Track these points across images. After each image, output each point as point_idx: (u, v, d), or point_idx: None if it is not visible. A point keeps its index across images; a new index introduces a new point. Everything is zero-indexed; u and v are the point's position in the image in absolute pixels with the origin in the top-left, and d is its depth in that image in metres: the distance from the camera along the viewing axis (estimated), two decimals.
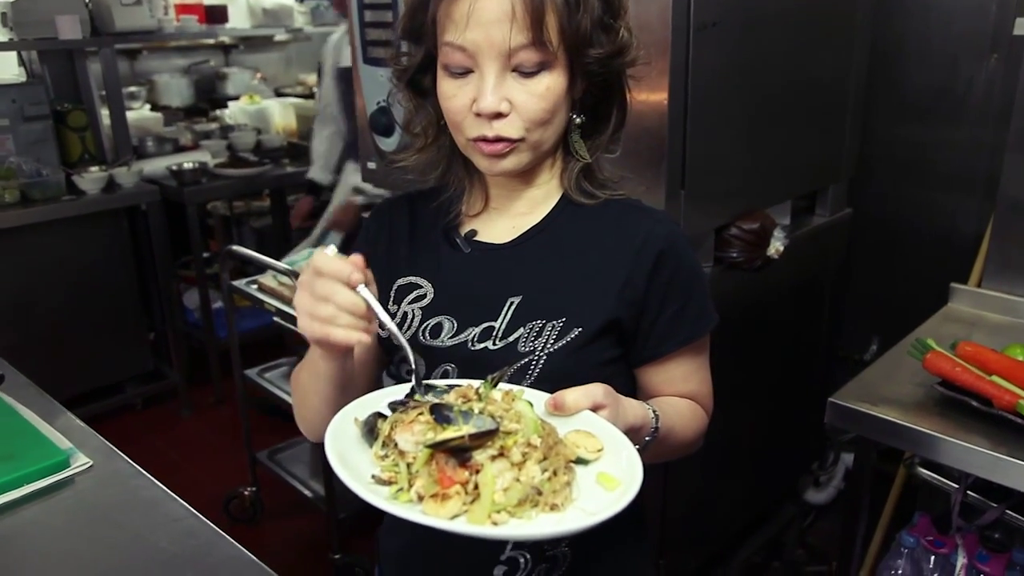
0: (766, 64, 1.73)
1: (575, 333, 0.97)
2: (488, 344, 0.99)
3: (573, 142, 1.01)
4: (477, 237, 1.06)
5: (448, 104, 0.95)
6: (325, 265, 0.83)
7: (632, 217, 1.03)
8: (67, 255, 3.22)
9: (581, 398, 0.85)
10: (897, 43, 2.26)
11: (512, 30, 0.88)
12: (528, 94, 0.92)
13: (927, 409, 1.46)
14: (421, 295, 1.05)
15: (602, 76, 0.97)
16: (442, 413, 0.79)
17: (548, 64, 0.91)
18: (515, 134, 0.94)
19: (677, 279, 1.01)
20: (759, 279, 1.81)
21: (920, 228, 2.36)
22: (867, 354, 2.44)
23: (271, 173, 3.70)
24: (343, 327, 0.83)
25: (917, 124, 2.30)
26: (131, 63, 4.34)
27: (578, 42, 0.92)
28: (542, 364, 0.97)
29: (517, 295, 1.00)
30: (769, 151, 1.84)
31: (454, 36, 0.91)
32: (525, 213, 1.05)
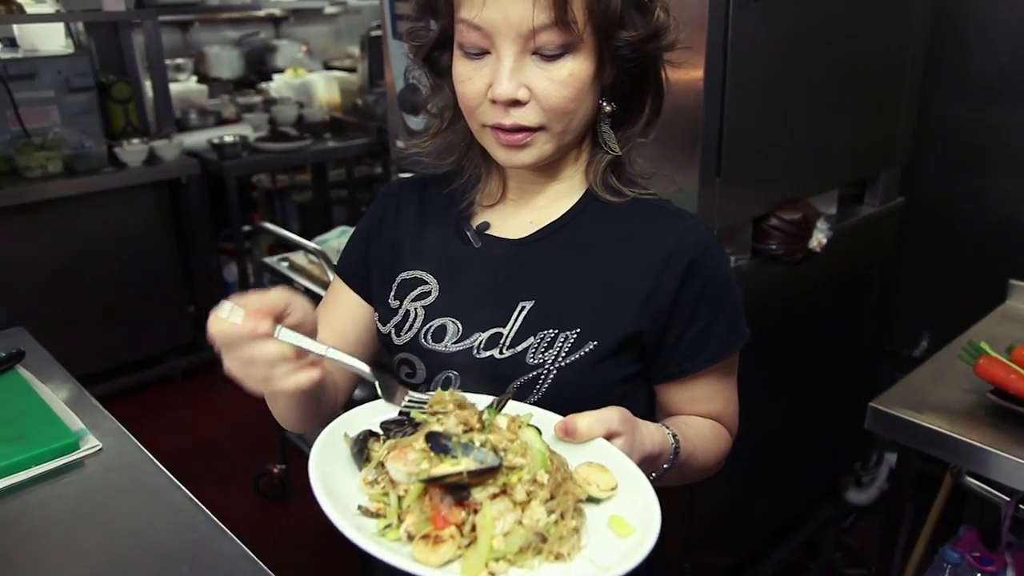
0: (813, 41, 1.63)
1: (590, 347, 0.89)
2: (494, 352, 0.91)
3: (602, 133, 0.92)
4: (490, 231, 0.98)
5: (462, 88, 0.87)
6: (226, 333, 0.73)
7: (662, 220, 0.94)
8: (109, 227, 3.25)
9: (595, 424, 0.77)
10: (961, 17, 2.12)
11: (534, 8, 0.80)
12: (549, 80, 0.83)
13: (977, 418, 1.38)
14: (425, 292, 0.98)
15: (635, 61, 0.87)
16: (439, 442, 0.71)
17: (573, 47, 0.83)
18: (534, 123, 0.85)
19: (708, 292, 0.92)
20: (800, 272, 1.72)
21: (978, 218, 2.23)
22: (917, 350, 2.34)
23: (311, 148, 3.68)
24: (284, 377, 0.74)
25: (980, 105, 2.16)
26: (183, 35, 4.36)
27: (607, 23, 0.83)
28: (551, 379, 0.89)
29: (529, 299, 0.92)
30: (814, 136, 1.73)
31: (470, 13, 0.83)
32: (544, 207, 0.97)
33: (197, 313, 3.71)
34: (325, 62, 4.69)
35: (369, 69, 3.85)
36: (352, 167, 4.02)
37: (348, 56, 4.76)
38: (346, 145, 3.81)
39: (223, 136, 3.49)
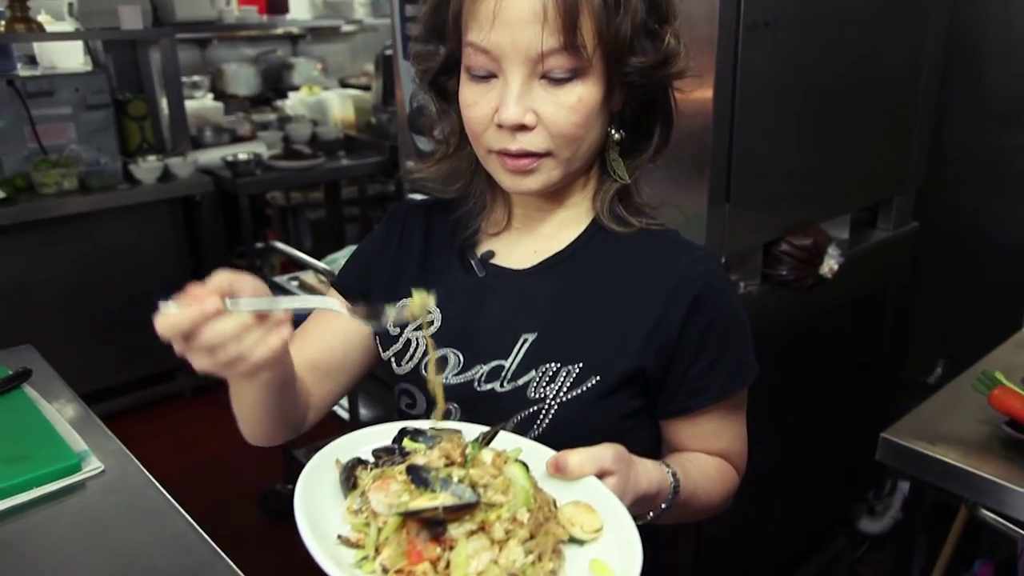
0: (824, 64, 1.62)
1: (592, 382, 0.88)
2: (495, 385, 0.90)
3: (611, 160, 0.91)
4: (494, 260, 0.97)
5: (469, 112, 0.86)
6: (176, 324, 0.67)
7: (669, 252, 0.92)
8: (122, 243, 3.26)
9: (587, 462, 0.75)
10: (978, 39, 2.10)
11: (543, 32, 0.79)
12: (557, 105, 0.82)
13: (991, 451, 1.35)
14: (428, 322, 0.96)
15: (644, 88, 0.86)
16: (419, 475, 0.70)
17: (581, 72, 0.82)
18: (541, 148, 0.84)
19: (715, 327, 0.90)
20: (812, 298, 1.69)
21: (995, 243, 2.20)
22: (931, 377, 2.31)
23: (324, 166, 3.70)
24: (256, 346, 0.69)
25: (997, 129, 2.14)
26: (201, 52, 4.41)
27: (617, 48, 0.82)
28: (553, 414, 0.88)
29: (532, 332, 0.91)
30: (825, 160, 1.71)
31: (477, 36, 0.82)
32: (549, 236, 0.96)
33: None
34: (341, 79, 4.73)
35: (383, 88, 3.87)
36: (365, 185, 4.03)
37: (364, 74, 4.79)
38: (359, 163, 3.82)
39: (237, 154, 3.51)
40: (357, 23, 4.24)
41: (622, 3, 0.80)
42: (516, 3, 0.79)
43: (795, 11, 1.47)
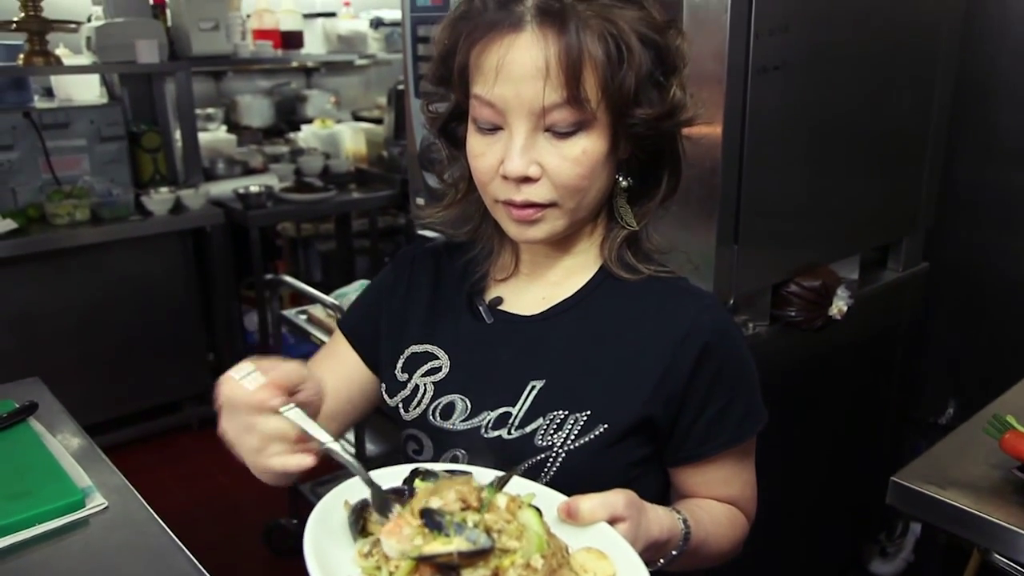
0: (833, 105, 1.62)
1: (600, 430, 0.88)
2: (503, 432, 0.90)
3: (619, 208, 0.92)
4: (503, 306, 0.98)
5: (475, 163, 0.87)
6: (233, 397, 0.74)
7: (677, 300, 0.93)
8: (133, 274, 3.28)
9: (598, 508, 0.75)
10: (985, 80, 2.10)
11: (545, 87, 0.80)
12: (561, 158, 0.83)
13: (1003, 496, 1.32)
14: (436, 368, 0.97)
15: (650, 138, 0.87)
16: (433, 519, 0.70)
17: (586, 125, 0.83)
18: (545, 200, 0.85)
19: (723, 375, 0.90)
20: (821, 339, 1.69)
21: (1007, 283, 2.19)
22: (943, 418, 2.29)
23: (335, 199, 3.72)
24: (276, 455, 0.74)
25: (1005, 168, 2.14)
26: (216, 84, 4.46)
27: (621, 101, 0.82)
28: (560, 462, 0.87)
29: (539, 379, 0.91)
30: (834, 200, 1.71)
31: (483, 89, 0.83)
32: (557, 283, 0.96)
33: (217, 361, 3.72)
34: (354, 112, 4.76)
35: (395, 122, 3.90)
36: (376, 218, 4.06)
37: (376, 107, 4.83)
38: (370, 197, 3.84)
39: (249, 186, 3.54)
40: (371, 57, 4.28)
41: (626, 56, 0.81)
42: (520, 58, 0.80)
43: (804, 55, 1.48)
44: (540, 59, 0.79)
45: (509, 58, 0.81)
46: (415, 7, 1.91)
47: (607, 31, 0.81)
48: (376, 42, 4.28)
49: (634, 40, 0.82)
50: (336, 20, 4.18)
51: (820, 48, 1.52)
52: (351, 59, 4.32)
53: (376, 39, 4.27)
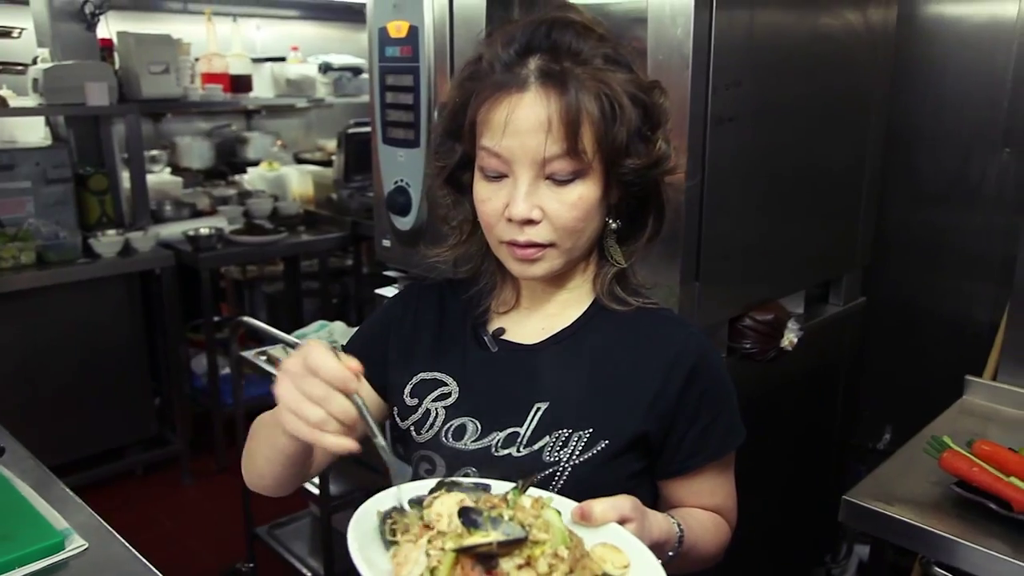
0: (783, 153, 1.75)
1: (602, 445, 0.96)
2: (512, 451, 0.98)
3: (608, 247, 1.01)
4: (505, 336, 1.06)
5: (483, 207, 0.96)
6: (323, 365, 0.77)
7: (665, 328, 1.03)
8: (78, 317, 3.22)
9: (609, 510, 0.83)
10: (910, 131, 2.29)
11: (547, 140, 0.89)
12: (560, 203, 0.92)
13: (944, 511, 1.43)
14: (445, 393, 1.04)
15: (638, 185, 0.97)
16: (470, 517, 0.77)
17: (582, 173, 0.92)
18: (545, 240, 0.94)
19: (708, 395, 1.00)
20: (772, 369, 1.79)
21: (935, 316, 2.35)
22: (880, 443, 2.41)
23: (286, 241, 3.73)
24: (332, 433, 0.78)
25: (931, 211, 2.31)
26: (155, 125, 4.42)
27: (614, 153, 0.92)
28: (567, 475, 0.95)
29: (544, 401, 0.99)
30: (784, 240, 1.84)
31: (490, 142, 0.92)
32: (555, 314, 1.05)
33: (162, 406, 3.65)
34: (296, 155, 4.77)
35: (345, 164, 3.94)
36: (326, 260, 4.07)
37: (319, 149, 4.85)
38: (320, 239, 3.86)
39: (198, 228, 3.52)
40: (318, 101, 4.33)
41: (618, 114, 0.91)
42: (525, 114, 0.89)
43: (755, 107, 1.60)
44: (543, 115, 0.89)
45: (515, 114, 0.90)
46: (383, 57, 1.99)
47: (602, 91, 0.90)
48: (324, 86, 4.33)
49: (625, 99, 0.92)
50: (285, 64, 4.21)
51: (769, 101, 1.65)
52: (301, 103, 4.35)
53: (324, 83, 4.32)
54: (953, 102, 2.21)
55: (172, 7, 4.18)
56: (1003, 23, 2.08)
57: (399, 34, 1.93)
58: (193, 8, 4.18)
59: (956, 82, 2.19)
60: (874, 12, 1.91)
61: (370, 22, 2.00)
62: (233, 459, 3.47)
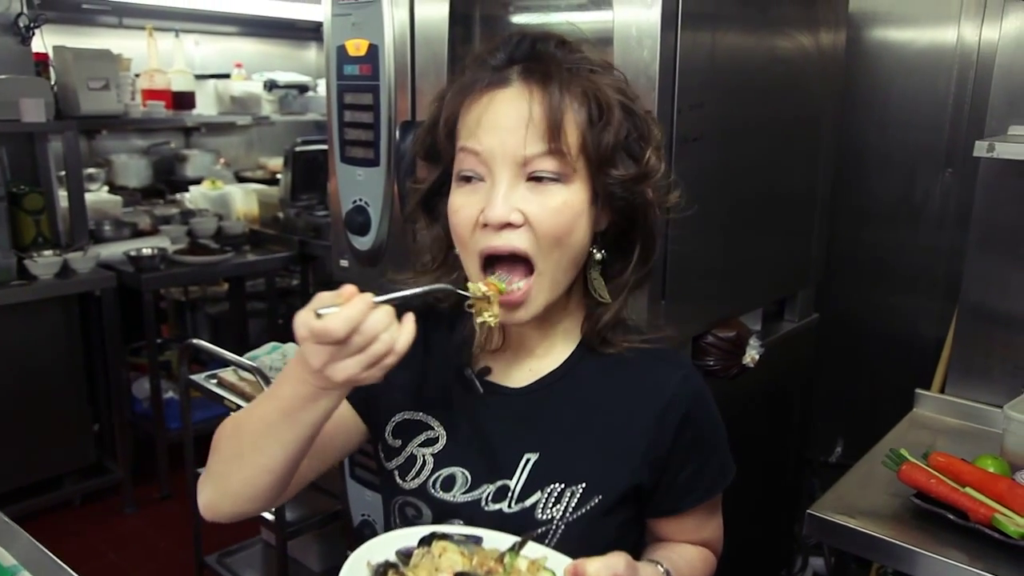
0: (742, 173, 1.78)
1: (596, 500, 0.92)
2: (503, 506, 0.93)
3: (592, 279, 0.94)
4: (492, 377, 0.99)
5: (456, 218, 0.89)
6: (352, 317, 0.72)
7: (658, 370, 0.97)
8: (13, 342, 3.08)
9: (602, 569, 0.80)
10: (859, 152, 2.36)
11: (527, 136, 0.84)
12: (542, 206, 0.86)
13: (904, 522, 1.46)
14: (433, 439, 0.98)
15: (625, 200, 0.90)
16: None
17: (565, 178, 0.86)
18: (526, 247, 0.86)
19: (701, 438, 0.98)
20: (732, 386, 1.81)
21: (883, 332, 2.41)
22: (832, 456, 2.46)
23: (231, 261, 3.64)
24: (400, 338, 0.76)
25: (879, 229, 2.38)
26: (89, 143, 4.28)
27: (599, 158, 0.87)
28: (560, 533, 0.92)
29: (534, 452, 0.94)
30: (744, 259, 1.86)
31: (468, 140, 0.87)
32: (542, 355, 0.99)
33: (102, 432, 3.52)
34: (237, 173, 4.67)
35: (292, 182, 3.88)
36: (273, 280, 3.99)
37: (260, 167, 4.76)
38: (267, 258, 3.79)
39: (140, 248, 3.42)
40: (263, 119, 4.26)
41: (605, 115, 0.86)
42: (505, 109, 0.85)
43: (717, 128, 1.63)
44: (524, 110, 0.84)
45: (494, 108, 0.85)
46: (342, 75, 1.96)
47: (588, 90, 0.86)
48: (269, 104, 4.27)
49: (614, 102, 0.87)
50: (229, 82, 4.14)
51: (729, 123, 1.68)
52: (245, 120, 4.27)
53: (270, 100, 4.26)
54: (897, 124, 2.29)
55: (106, 21, 4.06)
56: (943, 49, 2.17)
57: (358, 52, 1.91)
58: (130, 23, 4.08)
59: (900, 105, 2.27)
60: (825, 36, 1.96)
61: (328, 40, 1.97)
62: (178, 486, 3.36)
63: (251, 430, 0.87)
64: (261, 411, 0.86)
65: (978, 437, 1.81)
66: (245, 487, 0.88)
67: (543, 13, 1.70)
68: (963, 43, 2.14)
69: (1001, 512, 1.35)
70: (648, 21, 1.43)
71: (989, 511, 1.36)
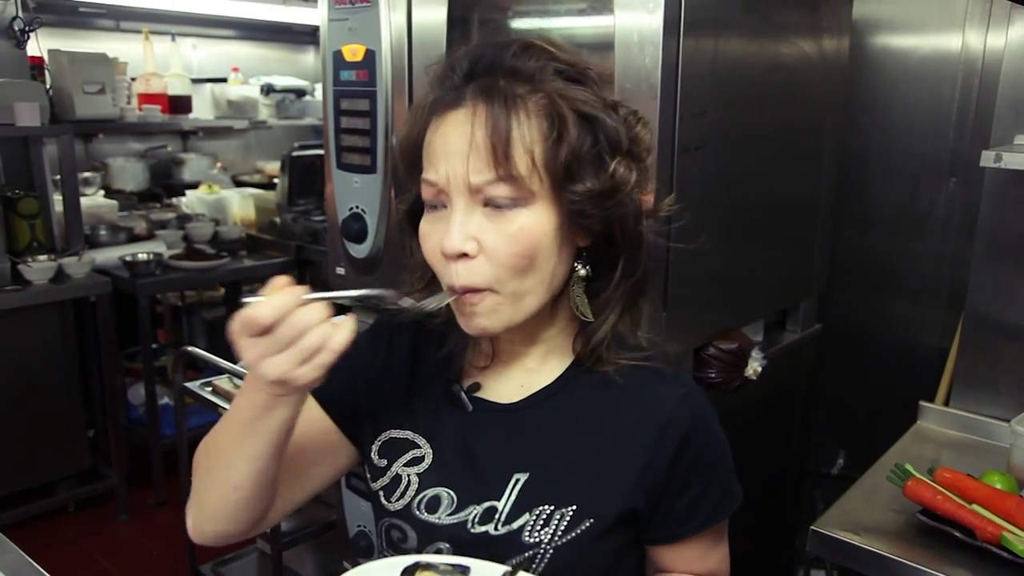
0: (744, 181, 1.75)
1: (587, 524, 0.88)
2: (489, 528, 0.89)
3: (574, 296, 0.89)
4: (481, 393, 0.96)
5: (424, 247, 0.86)
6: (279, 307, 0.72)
7: (655, 389, 0.93)
8: (7, 347, 3.06)
9: None
10: (860, 158, 2.33)
11: (471, 162, 0.80)
12: (498, 234, 0.81)
13: (910, 539, 1.43)
14: (418, 458, 0.95)
15: (595, 218, 0.84)
16: None
17: (523, 201, 0.81)
18: (481, 281, 0.82)
19: (701, 462, 0.92)
20: (733, 397, 1.78)
21: (885, 341, 2.39)
22: (834, 468, 2.43)
23: (228, 267, 3.62)
24: (334, 337, 0.74)
25: (881, 237, 2.35)
26: (86, 146, 4.25)
27: (555, 175, 0.81)
28: (548, 558, 0.87)
29: (523, 471, 0.90)
30: (746, 269, 1.84)
31: (427, 170, 0.84)
32: (534, 369, 0.95)
33: (96, 438, 3.49)
34: (234, 177, 4.64)
35: (289, 187, 3.86)
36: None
37: (258, 171, 4.74)
38: (264, 264, 3.76)
39: (136, 253, 3.39)
40: (260, 123, 4.23)
41: (557, 131, 0.81)
42: (453, 133, 0.81)
43: (719, 136, 1.60)
44: (467, 135, 0.80)
45: (443, 132, 0.82)
46: (338, 81, 1.93)
47: (541, 105, 0.81)
48: (267, 108, 4.24)
49: (569, 115, 0.81)
50: (226, 86, 4.11)
51: (732, 131, 1.65)
52: (241, 124, 4.25)
53: (267, 105, 4.23)
54: (900, 132, 2.26)
55: (103, 25, 4.04)
56: (948, 56, 2.14)
57: (355, 58, 1.88)
58: (127, 27, 4.06)
59: (903, 113, 2.24)
60: (828, 43, 1.94)
61: (324, 45, 1.94)
62: (173, 492, 3.34)
63: (218, 446, 0.86)
64: (226, 426, 0.85)
65: (984, 451, 1.79)
66: (221, 504, 0.87)
67: (542, 18, 1.67)
68: (968, 50, 2.11)
69: (1009, 530, 1.33)
70: (650, 27, 1.41)
71: (997, 529, 1.34)
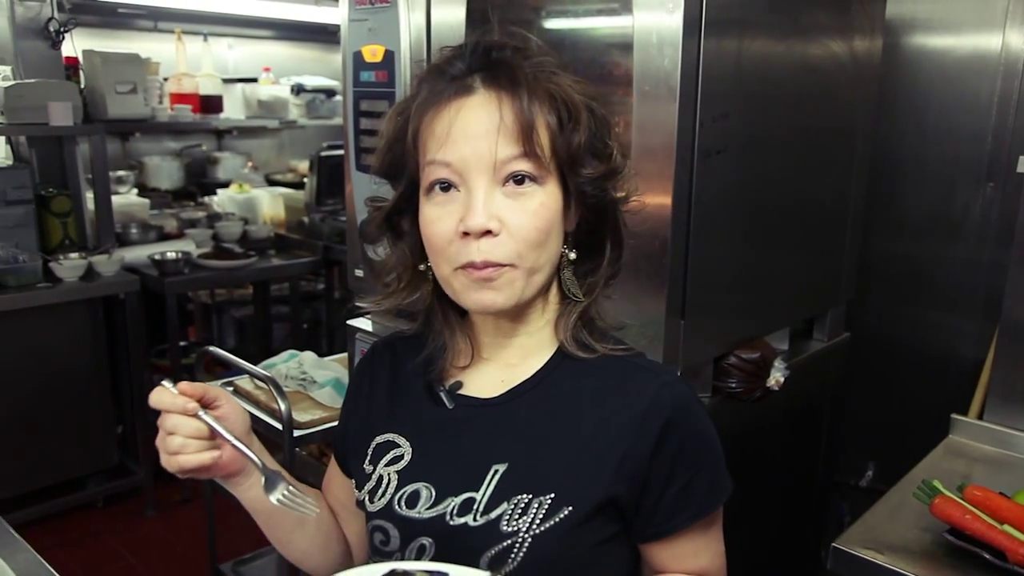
0: (769, 186, 1.71)
1: (565, 512, 0.87)
2: (468, 519, 0.89)
3: (566, 279, 0.93)
4: (462, 390, 0.98)
5: (432, 230, 0.87)
6: (161, 401, 0.87)
7: (636, 377, 0.93)
8: (38, 343, 3.11)
9: None
10: (892, 163, 2.27)
11: (499, 141, 0.83)
12: (520, 211, 0.85)
13: (936, 559, 1.38)
14: (398, 456, 0.96)
15: (595, 200, 0.90)
16: None
17: (540, 180, 0.86)
18: (505, 258, 0.85)
19: (686, 450, 0.91)
20: (758, 408, 1.74)
21: (917, 350, 2.32)
22: (863, 480, 2.38)
23: (255, 266, 3.64)
24: (192, 452, 0.87)
25: (912, 243, 2.29)
26: (123, 144, 4.32)
27: (569, 159, 0.87)
28: (527, 547, 0.86)
29: (502, 462, 0.90)
30: (770, 277, 1.79)
31: (438, 152, 0.85)
32: (515, 365, 0.97)
33: (125, 434, 3.54)
34: (267, 176, 4.69)
35: (317, 187, 3.87)
36: (297, 284, 3.99)
37: (290, 170, 4.78)
38: (291, 263, 3.78)
39: (165, 252, 3.43)
40: (290, 123, 4.26)
41: (573, 116, 0.86)
42: (475, 117, 0.84)
43: (742, 140, 1.56)
44: (495, 115, 0.83)
45: (463, 117, 0.84)
46: (358, 82, 1.92)
47: (555, 92, 0.86)
48: (297, 108, 4.27)
49: (579, 102, 0.87)
50: (256, 85, 4.15)
51: (756, 134, 1.61)
52: (273, 124, 4.28)
53: (297, 105, 4.26)
54: (936, 135, 2.20)
55: (142, 25, 4.10)
56: (987, 56, 2.08)
57: (374, 59, 1.87)
58: (163, 27, 4.11)
59: (940, 115, 2.18)
60: (859, 44, 1.88)
61: (344, 46, 1.94)
62: (198, 490, 3.37)
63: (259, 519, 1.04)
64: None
65: (1018, 468, 1.72)
66: (309, 565, 1.10)
67: (560, 18, 1.64)
68: (1008, 51, 2.04)
69: None
70: (669, 27, 1.37)
71: None
